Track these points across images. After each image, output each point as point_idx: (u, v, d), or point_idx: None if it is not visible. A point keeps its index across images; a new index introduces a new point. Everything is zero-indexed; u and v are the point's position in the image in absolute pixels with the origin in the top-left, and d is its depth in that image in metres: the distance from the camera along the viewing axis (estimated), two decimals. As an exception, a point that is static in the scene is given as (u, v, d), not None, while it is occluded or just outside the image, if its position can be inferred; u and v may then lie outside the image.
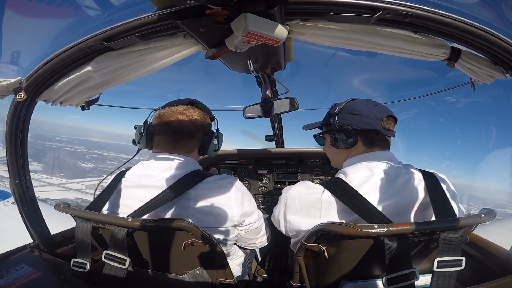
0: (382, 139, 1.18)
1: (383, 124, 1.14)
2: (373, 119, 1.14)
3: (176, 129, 1.21)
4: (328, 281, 1.03)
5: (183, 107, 1.23)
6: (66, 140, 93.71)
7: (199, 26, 0.83)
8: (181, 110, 1.22)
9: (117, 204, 1.16)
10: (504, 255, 1.12)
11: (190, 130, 1.23)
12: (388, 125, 1.17)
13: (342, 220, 1.00)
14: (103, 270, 1.01)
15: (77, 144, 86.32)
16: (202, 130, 1.26)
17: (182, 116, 1.21)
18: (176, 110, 1.22)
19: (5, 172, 1.23)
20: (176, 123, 1.21)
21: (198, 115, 1.25)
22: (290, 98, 1.90)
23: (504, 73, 0.93)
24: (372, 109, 1.17)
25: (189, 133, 1.23)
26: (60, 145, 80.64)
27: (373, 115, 1.15)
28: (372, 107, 1.18)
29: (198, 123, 1.24)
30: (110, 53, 0.97)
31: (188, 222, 0.97)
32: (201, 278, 1.12)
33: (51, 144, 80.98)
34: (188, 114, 1.22)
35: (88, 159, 63.30)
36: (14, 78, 1.01)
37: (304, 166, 2.54)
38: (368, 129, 1.15)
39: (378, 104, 1.21)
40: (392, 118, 1.19)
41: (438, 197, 0.97)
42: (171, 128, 1.21)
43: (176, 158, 1.20)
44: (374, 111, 1.17)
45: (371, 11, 0.77)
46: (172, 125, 1.21)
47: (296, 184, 1.17)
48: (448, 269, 0.84)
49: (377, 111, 1.17)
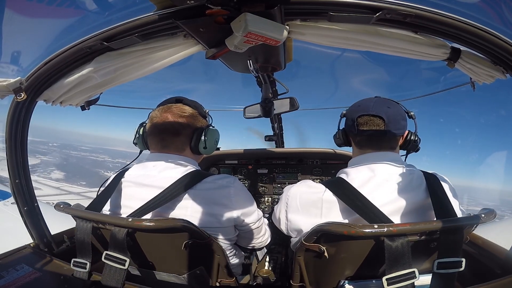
0: (370, 140, 1.14)
1: (358, 125, 1.12)
2: (350, 121, 1.17)
3: (161, 128, 1.20)
4: (328, 281, 1.04)
5: (169, 105, 1.23)
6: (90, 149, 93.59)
7: (199, 26, 0.83)
8: (167, 109, 1.21)
9: (117, 204, 1.16)
10: (504, 255, 1.12)
11: (175, 128, 1.20)
12: (364, 126, 1.11)
13: (343, 220, 1.00)
14: (103, 270, 1.01)
15: (102, 153, 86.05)
16: (188, 127, 1.23)
17: (166, 114, 1.20)
18: (163, 109, 1.22)
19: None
20: (161, 122, 1.20)
21: (183, 111, 1.22)
22: (290, 98, 1.90)
23: (504, 73, 0.93)
24: (352, 110, 1.17)
25: (173, 131, 1.21)
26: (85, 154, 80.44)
27: (350, 117, 1.16)
28: (355, 107, 1.17)
29: (184, 120, 1.21)
30: (110, 53, 0.97)
31: (188, 222, 0.97)
32: (201, 278, 1.12)
33: (76, 153, 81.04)
34: (174, 111, 1.21)
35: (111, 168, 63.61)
36: (14, 78, 1.01)
37: (304, 166, 2.54)
38: (349, 131, 1.21)
39: (366, 102, 1.15)
40: (370, 117, 1.10)
41: (439, 197, 0.97)
42: (157, 127, 1.21)
43: (171, 157, 1.20)
44: (353, 112, 1.16)
45: (371, 11, 0.77)
46: (158, 124, 1.20)
47: (298, 183, 1.18)
48: (448, 270, 0.84)
49: (354, 112, 1.14)
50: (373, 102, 1.13)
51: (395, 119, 1.11)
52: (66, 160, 65.07)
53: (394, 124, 1.11)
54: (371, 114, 1.10)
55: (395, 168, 1.07)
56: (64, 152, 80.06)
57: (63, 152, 79.29)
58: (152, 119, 1.23)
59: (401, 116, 1.14)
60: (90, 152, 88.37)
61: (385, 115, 1.09)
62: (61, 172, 46.60)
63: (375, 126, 1.11)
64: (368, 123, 1.11)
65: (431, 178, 1.04)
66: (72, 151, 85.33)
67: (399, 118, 1.13)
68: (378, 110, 1.10)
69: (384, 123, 1.09)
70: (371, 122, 1.11)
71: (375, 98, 1.18)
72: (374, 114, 1.10)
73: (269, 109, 1.73)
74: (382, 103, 1.13)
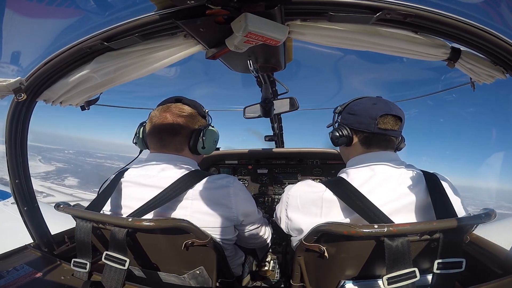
0: (381, 139, 1.14)
1: (378, 123, 1.11)
2: (367, 119, 1.13)
3: (160, 128, 1.20)
4: (328, 281, 1.04)
5: (168, 105, 1.22)
6: (105, 156, 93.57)
7: (199, 26, 0.83)
8: (166, 108, 1.21)
9: (117, 204, 1.16)
10: (504, 255, 1.12)
11: (173, 127, 1.20)
12: (384, 125, 1.12)
13: (343, 219, 1.00)
14: (103, 270, 1.01)
15: (117, 160, 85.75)
16: (187, 127, 1.22)
17: (165, 114, 1.20)
18: (162, 108, 1.22)
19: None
20: (160, 122, 1.20)
21: (182, 111, 1.22)
22: (290, 98, 1.90)
23: (504, 73, 0.93)
24: (368, 108, 1.15)
25: (172, 130, 1.20)
26: (100, 161, 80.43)
27: (368, 115, 1.14)
28: (370, 106, 1.16)
29: (182, 120, 1.21)
30: (111, 53, 0.97)
31: (188, 222, 0.97)
32: (201, 278, 1.12)
33: (91, 160, 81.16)
34: (173, 111, 1.21)
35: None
36: (14, 78, 1.02)
37: (304, 166, 2.54)
38: (362, 129, 1.16)
39: (378, 102, 1.16)
40: (391, 117, 1.12)
41: (439, 197, 0.98)
42: (156, 127, 1.21)
43: (171, 157, 1.20)
44: (370, 110, 1.14)
45: (371, 11, 0.77)
46: (157, 124, 1.20)
47: (298, 182, 1.18)
48: (448, 271, 0.84)
49: (373, 110, 1.13)
50: (387, 102, 1.16)
51: (404, 121, 1.17)
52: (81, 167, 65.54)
53: (403, 125, 1.17)
54: (393, 114, 1.12)
55: (395, 167, 1.07)
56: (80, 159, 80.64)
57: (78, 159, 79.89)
58: (151, 119, 1.23)
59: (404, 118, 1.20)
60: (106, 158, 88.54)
61: (402, 116, 1.14)
62: (75, 179, 47.01)
63: (393, 127, 1.13)
64: (389, 122, 1.13)
65: (431, 178, 1.04)
66: (87, 157, 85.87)
67: (404, 119, 1.18)
68: (397, 111, 1.14)
69: (400, 124, 1.15)
70: (392, 122, 1.13)
71: (382, 99, 1.20)
72: (395, 114, 1.12)
73: (269, 109, 1.73)
74: (394, 104, 1.17)
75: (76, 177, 48.21)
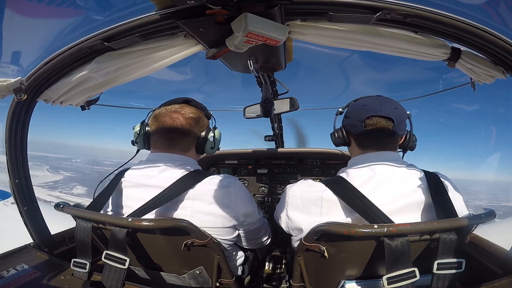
0: (376, 141, 1.14)
1: (365, 125, 1.11)
2: (356, 121, 1.15)
3: (170, 128, 1.21)
4: (328, 281, 1.04)
5: (178, 106, 1.23)
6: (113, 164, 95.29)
7: (199, 26, 0.83)
8: (176, 109, 1.22)
9: (117, 204, 1.16)
10: (504, 255, 1.12)
11: (185, 128, 1.22)
12: (373, 126, 1.11)
13: (343, 219, 1.00)
14: (103, 270, 1.01)
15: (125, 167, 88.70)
16: (197, 128, 1.26)
17: (176, 115, 1.21)
18: (171, 109, 1.22)
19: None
20: (170, 122, 1.21)
21: (192, 112, 1.24)
22: (290, 98, 1.90)
23: (504, 73, 0.93)
24: (358, 111, 1.15)
25: (183, 131, 1.22)
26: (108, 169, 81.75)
27: (357, 117, 1.14)
28: (360, 108, 1.16)
29: (193, 121, 1.24)
30: (111, 53, 0.97)
31: (188, 222, 0.97)
32: (201, 278, 1.12)
33: (99, 168, 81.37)
34: (182, 112, 1.22)
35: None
36: (14, 78, 1.02)
37: (304, 166, 2.54)
38: (353, 131, 1.18)
39: (371, 103, 1.14)
40: (379, 118, 1.10)
41: (440, 197, 0.97)
42: (165, 127, 1.21)
43: (174, 157, 1.21)
44: (359, 112, 1.14)
45: (371, 11, 0.77)
46: (167, 124, 1.21)
47: (298, 182, 1.18)
48: (448, 271, 0.84)
49: (362, 112, 1.13)
50: (380, 102, 1.12)
51: (402, 120, 1.13)
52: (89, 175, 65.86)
53: (400, 125, 1.12)
54: (381, 115, 1.09)
55: (396, 167, 1.07)
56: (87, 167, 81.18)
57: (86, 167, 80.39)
58: (158, 119, 1.23)
59: (405, 116, 1.16)
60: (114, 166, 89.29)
61: (394, 116, 1.09)
62: (83, 187, 47.21)
63: (384, 127, 1.10)
64: (377, 124, 1.10)
65: (432, 178, 1.04)
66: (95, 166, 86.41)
67: (404, 118, 1.15)
68: (387, 111, 1.10)
69: (393, 125, 1.10)
70: (380, 123, 1.10)
71: (380, 97, 1.17)
72: (384, 115, 1.09)
73: (269, 109, 1.72)
74: (389, 103, 1.12)
75: (84, 186, 48.47)
